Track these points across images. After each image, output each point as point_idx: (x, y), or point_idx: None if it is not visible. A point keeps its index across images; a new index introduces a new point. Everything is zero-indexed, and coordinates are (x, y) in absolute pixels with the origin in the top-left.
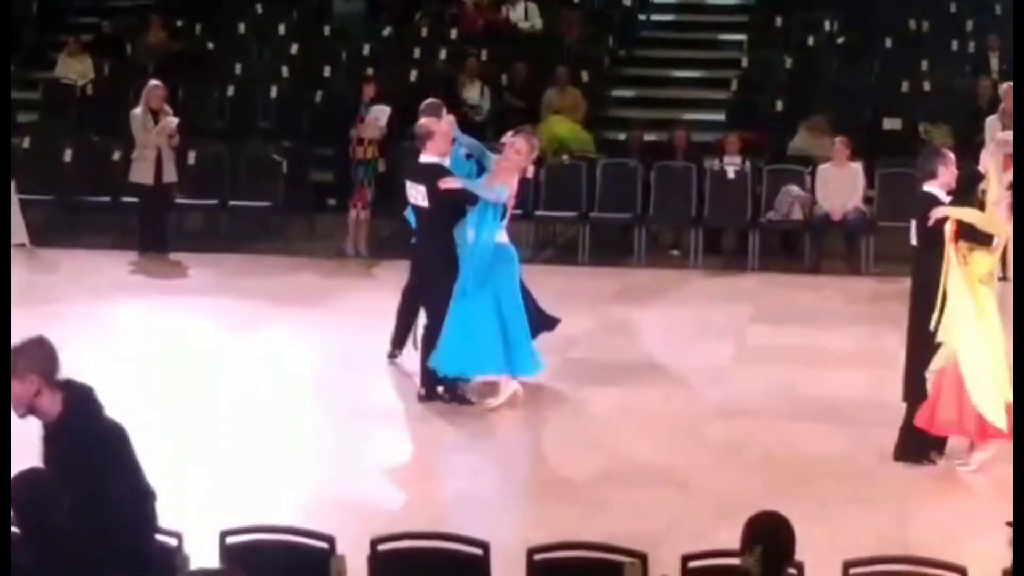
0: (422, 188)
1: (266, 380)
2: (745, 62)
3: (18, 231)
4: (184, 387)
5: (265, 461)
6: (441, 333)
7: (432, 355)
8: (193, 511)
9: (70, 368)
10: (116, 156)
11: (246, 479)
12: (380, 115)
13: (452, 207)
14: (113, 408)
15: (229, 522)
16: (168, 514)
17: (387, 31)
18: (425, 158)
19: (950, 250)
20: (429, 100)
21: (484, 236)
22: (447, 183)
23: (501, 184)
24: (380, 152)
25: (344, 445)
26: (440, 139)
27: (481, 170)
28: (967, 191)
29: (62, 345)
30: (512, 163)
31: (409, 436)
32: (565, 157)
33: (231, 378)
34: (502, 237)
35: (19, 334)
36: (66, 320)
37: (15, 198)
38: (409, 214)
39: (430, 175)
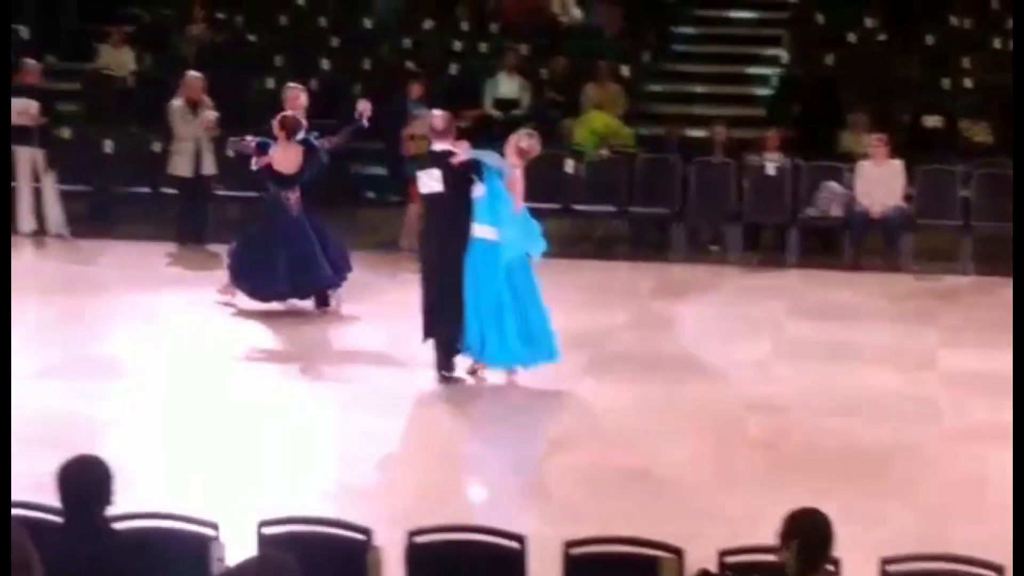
0: (436, 172)
1: (303, 371)
2: (786, 58)
3: (58, 222)
4: (220, 378)
5: (302, 452)
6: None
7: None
8: (230, 501)
9: (109, 358)
10: (156, 148)
11: (282, 470)
12: (428, 115)
13: (466, 188)
14: (151, 400)
15: (266, 513)
16: (205, 504)
17: (427, 24)
18: (437, 147)
19: None
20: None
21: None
22: (458, 157)
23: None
24: None
25: (382, 437)
26: (447, 132)
27: None
28: None
29: (100, 336)
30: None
31: (446, 427)
32: (604, 152)
33: (268, 369)
34: (488, 233)
35: (58, 323)
36: (104, 311)
37: (55, 188)
38: None
39: (442, 158)
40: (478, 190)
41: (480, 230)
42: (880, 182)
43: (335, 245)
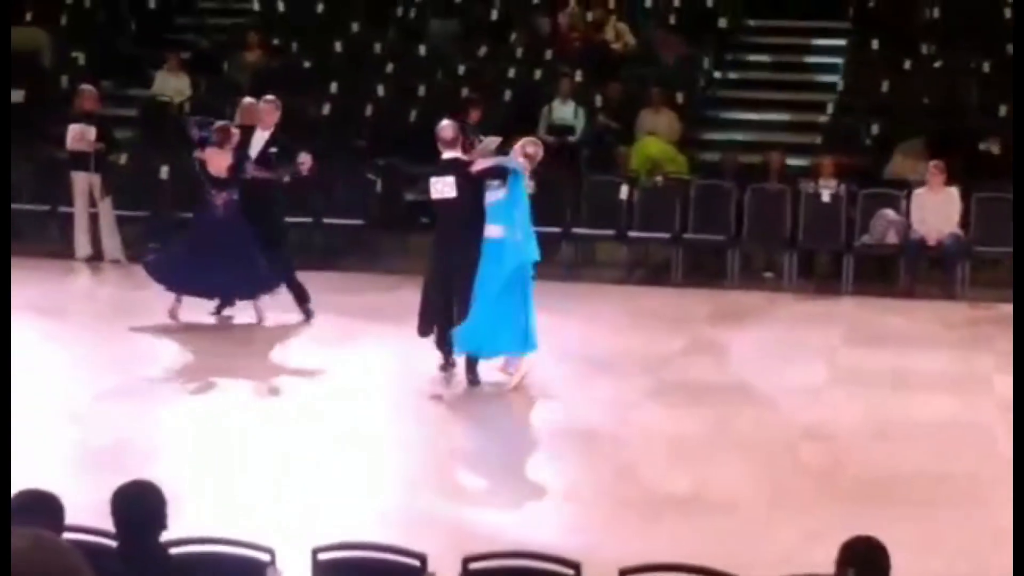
0: (450, 179)
1: (357, 396)
2: (841, 85)
3: (114, 247)
4: (274, 402)
5: (357, 477)
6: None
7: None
8: (285, 526)
9: (163, 383)
10: None
11: (337, 494)
12: (491, 142)
13: (479, 194)
14: (205, 424)
15: (321, 538)
16: (259, 529)
17: (482, 50)
18: (447, 155)
19: None
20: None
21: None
22: (478, 165)
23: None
24: None
25: (434, 460)
26: (455, 141)
27: None
28: None
29: (155, 360)
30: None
31: (500, 449)
32: (659, 178)
33: (321, 393)
34: (498, 232)
35: (113, 348)
36: (159, 334)
37: (112, 214)
38: None
39: (455, 166)
40: (500, 193)
41: (491, 230)
42: (936, 209)
43: (265, 259)
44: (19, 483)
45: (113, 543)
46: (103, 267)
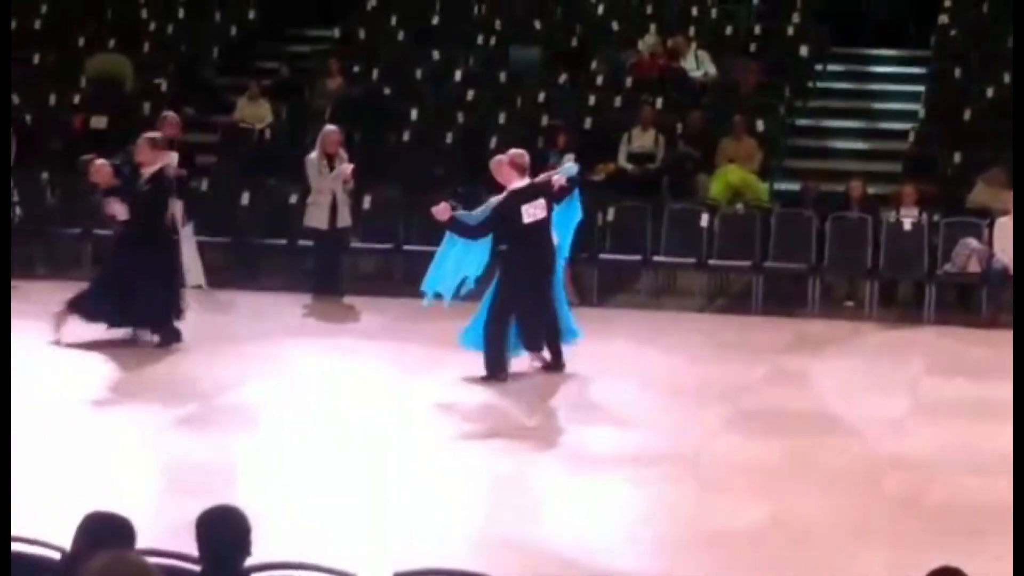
0: (541, 202)
1: (436, 423)
2: (922, 113)
3: (196, 272)
4: (354, 429)
5: (432, 503)
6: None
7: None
8: (364, 551)
9: (242, 408)
10: (292, 200)
11: (414, 519)
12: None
13: (552, 209)
14: (285, 447)
15: (400, 563)
16: (338, 552)
17: (562, 78)
18: (524, 181)
19: None
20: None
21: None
22: (559, 181)
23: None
24: None
25: (511, 485)
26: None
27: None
28: None
29: (235, 386)
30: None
31: (577, 475)
32: (740, 206)
33: (401, 421)
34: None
35: (194, 373)
36: (239, 360)
37: (193, 240)
38: None
39: (541, 190)
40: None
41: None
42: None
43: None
44: (96, 507)
45: (194, 567)
46: (185, 292)
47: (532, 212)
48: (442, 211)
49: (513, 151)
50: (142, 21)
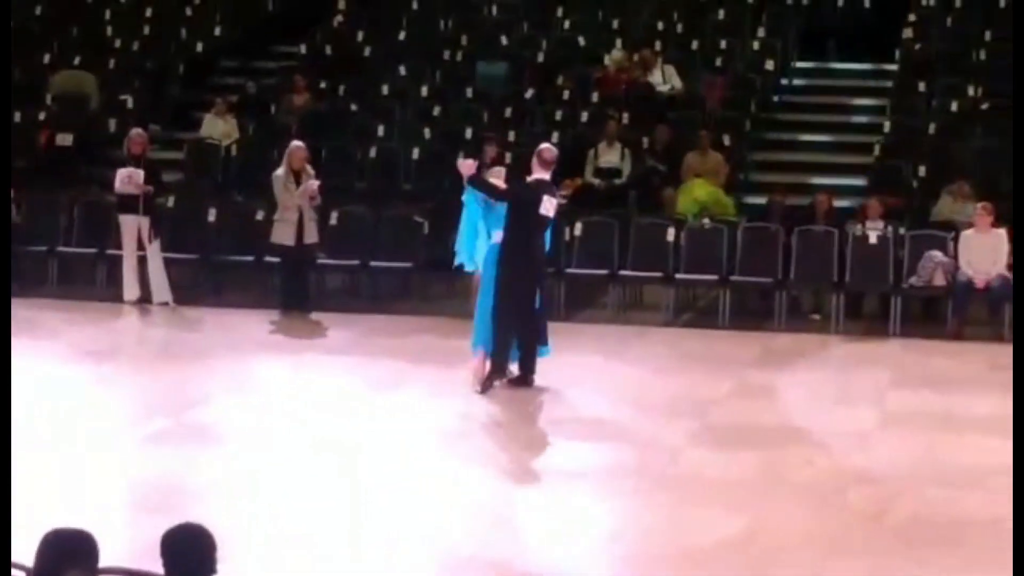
0: (555, 203)
1: (405, 439)
2: (888, 127)
3: (162, 290)
4: (323, 445)
5: (406, 519)
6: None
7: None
8: (331, 566)
9: (211, 425)
10: (259, 216)
11: (384, 534)
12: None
13: None
14: (254, 463)
15: None
16: (307, 568)
17: (529, 93)
18: (547, 174)
19: None
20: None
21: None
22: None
23: None
24: None
25: (479, 500)
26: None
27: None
28: None
29: (203, 403)
30: None
31: (547, 489)
32: (706, 221)
33: (369, 437)
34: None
35: (162, 390)
36: (207, 376)
37: (160, 257)
38: None
39: (552, 185)
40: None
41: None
42: (984, 251)
43: None
44: (61, 524)
45: None
46: (151, 310)
47: (547, 206)
48: (469, 166)
49: (543, 145)
50: (108, 38)
